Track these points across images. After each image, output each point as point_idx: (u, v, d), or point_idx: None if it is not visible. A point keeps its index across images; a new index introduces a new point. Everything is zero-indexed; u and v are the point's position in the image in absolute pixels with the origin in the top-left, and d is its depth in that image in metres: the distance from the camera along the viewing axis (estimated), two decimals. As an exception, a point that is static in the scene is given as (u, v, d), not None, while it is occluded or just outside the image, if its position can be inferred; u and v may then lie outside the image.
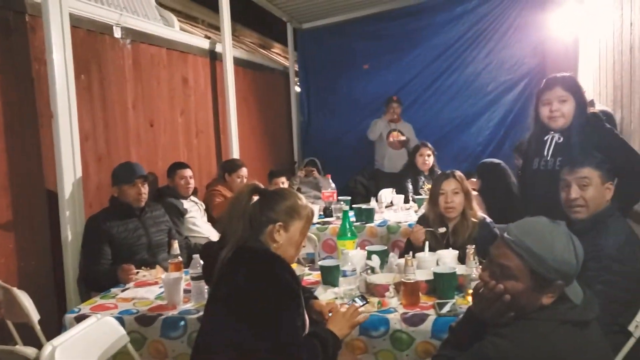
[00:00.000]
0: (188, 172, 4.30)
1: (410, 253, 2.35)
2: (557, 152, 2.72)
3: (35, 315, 2.57)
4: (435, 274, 2.33)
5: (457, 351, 1.65)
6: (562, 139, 2.72)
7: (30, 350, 1.99)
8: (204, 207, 4.52)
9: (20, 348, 2.00)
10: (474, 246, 2.41)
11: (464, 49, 6.80)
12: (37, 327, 2.57)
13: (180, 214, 4.14)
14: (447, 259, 2.53)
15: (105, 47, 3.90)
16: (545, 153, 2.76)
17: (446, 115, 6.87)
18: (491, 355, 1.49)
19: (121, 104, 4.07)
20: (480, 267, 2.37)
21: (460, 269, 2.40)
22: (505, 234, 1.57)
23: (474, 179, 4.15)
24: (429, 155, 5.24)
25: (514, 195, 3.77)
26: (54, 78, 3.18)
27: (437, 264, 2.55)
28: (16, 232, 3.09)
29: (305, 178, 6.45)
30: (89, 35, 3.72)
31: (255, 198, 2.00)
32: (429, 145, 5.32)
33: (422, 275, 2.36)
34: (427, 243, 2.68)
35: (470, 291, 2.26)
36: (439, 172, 4.10)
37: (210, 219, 4.51)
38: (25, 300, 2.56)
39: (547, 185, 2.62)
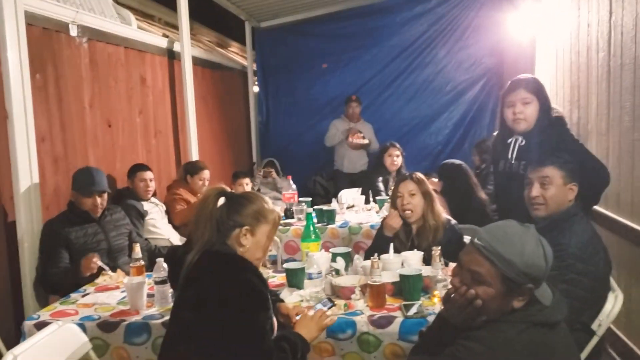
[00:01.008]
0: (148, 175, 4.23)
1: (376, 255, 2.38)
2: (520, 154, 2.77)
3: (-9, 324, 2.49)
4: (401, 275, 2.36)
5: (428, 356, 1.67)
6: (524, 142, 2.78)
7: (-10, 361, 1.93)
8: (165, 208, 4.46)
9: (-21, 359, 1.93)
10: (439, 247, 2.46)
11: (422, 48, 6.91)
12: (-5, 336, 2.50)
13: (141, 216, 4.07)
14: (412, 261, 2.57)
15: (61, 46, 3.79)
16: (510, 156, 2.82)
17: (405, 115, 6.97)
18: (464, 358, 1.52)
19: (78, 103, 3.96)
20: (446, 268, 2.43)
21: (426, 271, 2.44)
22: (476, 240, 1.59)
23: (435, 179, 4.23)
24: (397, 156, 5.27)
25: (475, 196, 3.86)
26: (9, 77, 3.09)
27: (402, 265, 2.58)
28: (-30, 236, 2.99)
29: (264, 179, 6.43)
30: (44, 34, 3.61)
31: (222, 201, 1.99)
32: (398, 145, 5.33)
33: (387, 277, 2.39)
34: (392, 245, 2.72)
35: (437, 292, 2.31)
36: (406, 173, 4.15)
37: (171, 221, 4.46)
38: (-18, 308, 2.48)
39: (512, 187, 2.68)
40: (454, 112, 6.88)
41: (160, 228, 4.26)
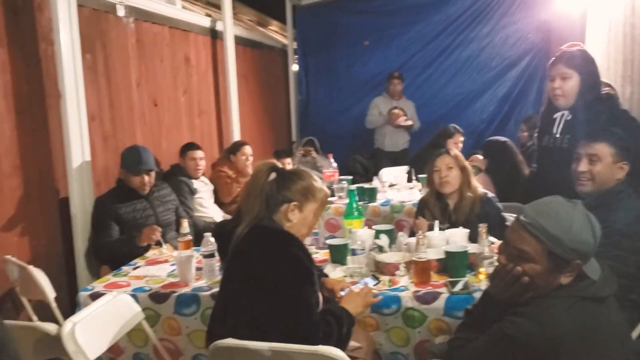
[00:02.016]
0: (199, 154, 4.32)
1: (421, 231, 2.38)
2: (566, 129, 2.72)
3: (51, 293, 2.61)
4: (447, 252, 2.36)
5: (475, 333, 1.68)
6: (570, 117, 2.72)
7: (51, 327, 2.02)
8: (212, 187, 4.55)
9: (42, 324, 2.03)
10: (486, 225, 2.44)
11: (467, 24, 6.74)
12: (54, 304, 2.61)
13: (191, 192, 4.18)
14: (457, 238, 2.56)
15: (109, 26, 3.87)
16: (555, 130, 2.77)
17: (449, 92, 6.83)
18: (512, 334, 1.51)
19: (125, 83, 4.06)
20: (493, 246, 2.42)
21: (471, 248, 2.43)
22: (521, 216, 1.58)
23: (479, 157, 4.17)
24: (461, 142, 5.03)
25: (521, 174, 3.80)
26: (62, 57, 3.17)
27: (447, 243, 2.58)
28: (27, 211, 3.12)
29: (304, 158, 6.45)
30: (93, 14, 3.69)
31: (273, 177, 2.02)
32: (461, 130, 5.08)
33: (433, 253, 2.39)
34: (436, 222, 2.71)
35: (483, 270, 2.31)
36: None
37: (217, 200, 4.55)
38: (41, 278, 2.60)
39: (556, 162, 2.64)
40: (499, 89, 6.72)
41: (207, 207, 4.36)
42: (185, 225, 2.96)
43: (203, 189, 4.39)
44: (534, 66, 6.50)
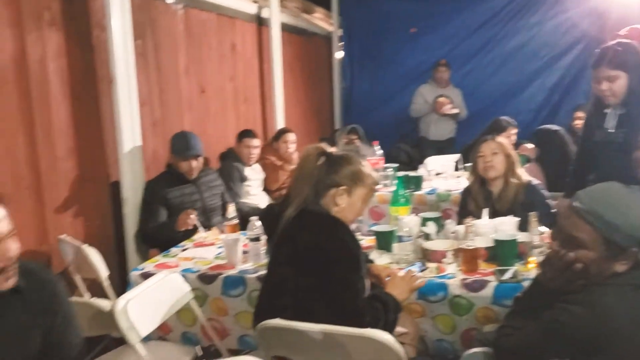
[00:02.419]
0: (254, 142, 4.36)
1: (470, 219, 2.35)
2: (620, 123, 2.66)
3: (104, 272, 2.69)
4: (495, 240, 2.33)
5: (525, 321, 1.65)
6: (623, 111, 2.65)
7: (105, 303, 2.09)
8: (263, 176, 4.59)
9: (96, 301, 2.10)
10: (536, 213, 2.39)
11: (516, 11, 6.60)
12: (107, 283, 2.69)
13: (241, 179, 4.23)
14: (506, 227, 2.52)
15: (158, 13, 3.94)
16: (607, 125, 2.70)
17: (497, 81, 6.70)
18: (565, 321, 1.48)
19: (174, 69, 4.12)
20: (543, 235, 2.37)
21: (521, 237, 2.39)
22: (575, 202, 1.54)
23: (528, 146, 4.08)
24: (514, 134, 5.01)
25: (572, 163, 3.70)
26: (114, 44, 3.24)
27: (496, 231, 2.54)
28: (81, 193, 3.22)
29: (347, 146, 6.42)
30: (143, 1, 3.76)
31: (322, 161, 2.03)
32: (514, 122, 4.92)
33: (481, 241, 2.36)
34: (485, 210, 2.68)
35: (532, 258, 2.26)
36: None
37: (265, 188, 4.60)
38: (95, 256, 2.68)
39: (610, 157, 2.58)
40: (548, 79, 6.56)
41: (255, 195, 4.41)
42: (232, 210, 3.01)
43: (253, 176, 4.43)
44: (587, 55, 6.28)
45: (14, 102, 2.77)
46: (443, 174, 4.41)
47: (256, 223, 2.62)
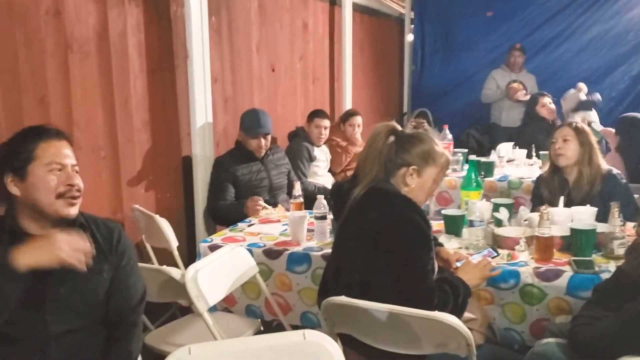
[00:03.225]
0: (324, 123, 4.33)
1: (546, 206, 2.26)
2: None
3: (174, 242, 2.77)
4: (572, 230, 2.23)
5: (604, 312, 1.58)
6: None
7: (175, 271, 2.15)
8: (330, 157, 4.57)
9: (167, 269, 2.16)
10: (618, 203, 2.27)
11: (599, -3, 6.28)
12: (176, 253, 2.78)
13: (310, 158, 4.24)
14: (583, 215, 2.41)
15: (233, -10, 3.97)
16: None
17: (575, 67, 6.38)
18: None
19: (246, 47, 4.16)
20: (625, 227, 2.25)
21: (601, 227, 2.28)
22: None
23: (611, 129, 3.88)
24: (550, 103, 4.99)
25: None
26: (190, 19, 3.28)
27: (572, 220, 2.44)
28: (154, 165, 3.31)
29: (414, 130, 6.31)
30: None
31: (392, 139, 1.99)
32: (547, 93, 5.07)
33: (557, 230, 2.27)
34: (562, 198, 2.57)
35: (613, 250, 2.16)
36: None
37: (331, 170, 4.59)
38: (166, 227, 2.76)
39: None
40: (633, 65, 6.19)
41: (322, 176, 4.39)
42: (298, 188, 3.02)
43: (322, 157, 4.42)
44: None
45: (95, 75, 2.87)
46: (515, 161, 4.26)
47: (323, 201, 2.62)
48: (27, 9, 2.47)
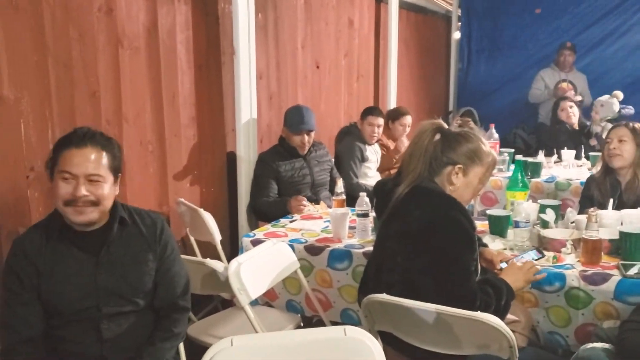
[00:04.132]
0: (378, 121, 4.23)
1: (594, 208, 2.20)
2: None
3: (217, 236, 2.81)
4: (622, 233, 2.17)
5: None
6: None
7: (218, 264, 2.18)
8: (380, 156, 4.53)
9: (211, 261, 2.20)
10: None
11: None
12: (219, 246, 2.82)
13: (362, 159, 4.18)
14: (634, 218, 2.33)
15: (279, -14, 4.00)
16: None
17: (629, 66, 6.18)
18: None
19: (292, 44, 4.18)
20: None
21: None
22: None
23: None
24: (571, 107, 4.87)
25: None
26: (238, 15, 3.33)
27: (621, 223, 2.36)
28: (200, 160, 3.37)
29: (460, 128, 6.22)
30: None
31: (438, 137, 1.97)
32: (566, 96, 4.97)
33: (605, 233, 2.21)
34: (611, 200, 2.50)
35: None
36: None
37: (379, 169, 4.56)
38: (210, 221, 2.81)
39: None
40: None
41: (371, 177, 4.29)
42: (340, 185, 3.02)
43: (372, 158, 4.33)
44: None
45: (144, 70, 2.94)
46: (563, 162, 4.16)
47: (365, 199, 2.62)
48: (80, 6, 2.54)
